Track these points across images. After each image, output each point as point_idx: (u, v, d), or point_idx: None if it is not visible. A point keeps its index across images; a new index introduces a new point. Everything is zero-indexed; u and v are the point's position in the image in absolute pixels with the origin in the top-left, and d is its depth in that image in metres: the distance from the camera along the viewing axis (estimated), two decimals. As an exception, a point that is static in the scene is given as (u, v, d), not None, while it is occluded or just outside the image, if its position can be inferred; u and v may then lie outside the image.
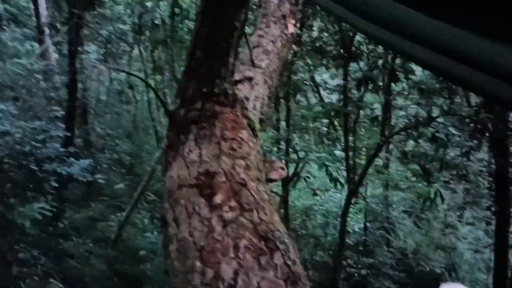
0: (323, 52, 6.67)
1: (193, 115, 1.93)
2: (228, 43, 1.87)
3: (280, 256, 1.45)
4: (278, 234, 1.53)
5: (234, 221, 1.50)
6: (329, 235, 8.52)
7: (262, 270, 1.38)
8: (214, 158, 1.76)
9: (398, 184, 9.08)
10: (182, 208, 1.64)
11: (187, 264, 1.46)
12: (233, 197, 1.59)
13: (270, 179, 2.04)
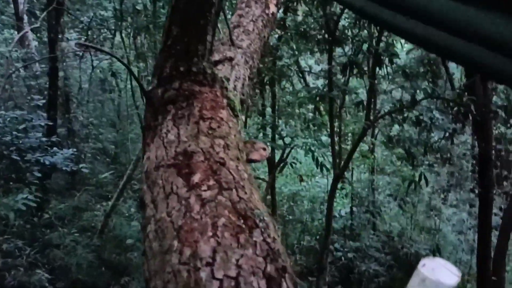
0: (308, 36, 6.63)
1: (170, 95, 1.89)
2: (205, 19, 1.83)
3: (260, 234, 1.43)
4: (258, 212, 1.51)
5: (213, 200, 1.48)
6: (316, 220, 8.58)
7: (241, 248, 1.36)
8: (192, 137, 1.73)
9: (383, 169, 9.16)
10: (159, 188, 1.61)
11: (164, 245, 1.43)
12: (211, 176, 1.57)
13: (251, 160, 2.02)
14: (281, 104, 7.37)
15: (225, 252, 1.33)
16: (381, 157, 9.33)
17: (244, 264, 1.31)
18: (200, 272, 1.29)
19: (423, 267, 1.35)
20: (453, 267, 1.37)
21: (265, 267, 1.34)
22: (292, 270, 1.47)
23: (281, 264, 1.40)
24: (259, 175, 8.34)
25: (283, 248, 1.51)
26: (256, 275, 1.31)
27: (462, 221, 9.15)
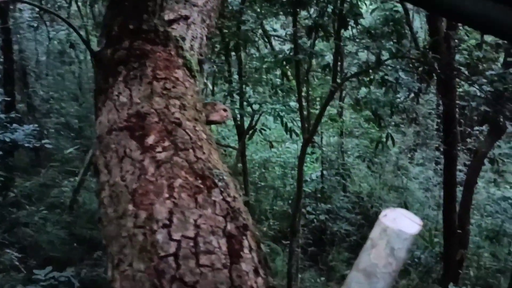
0: (272, -1, 6.46)
1: (120, 55, 1.78)
2: (153, -28, 1.71)
3: (219, 193, 1.39)
4: (217, 171, 1.46)
5: (168, 161, 1.42)
6: (288, 185, 8.66)
7: (199, 208, 1.31)
8: (145, 99, 1.64)
9: (352, 131, 9.26)
10: (112, 153, 1.53)
11: (119, 209, 1.37)
12: (166, 137, 1.50)
13: (211, 121, 1.95)
14: (248, 70, 7.26)
15: (182, 213, 1.28)
16: (350, 120, 9.42)
17: (203, 224, 1.27)
18: (156, 234, 1.24)
19: (384, 217, 1.33)
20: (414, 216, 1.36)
21: (225, 226, 1.31)
22: (254, 228, 1.45)
23: (242, 222, 1.37)
24: (229, 143, 8.30)
25: (244, 207, 1.48)
26: (216, 234, 1.27)
27: (428, 179, 9.44)
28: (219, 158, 1.59)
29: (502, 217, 8.45)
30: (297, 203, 6.65)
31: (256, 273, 1.28)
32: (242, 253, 1.29)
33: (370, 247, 1.29)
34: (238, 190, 1.57)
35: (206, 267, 1.20)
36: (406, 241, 1.30)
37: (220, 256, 1.24)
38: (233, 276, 1.21)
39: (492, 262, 8.48)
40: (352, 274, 1.26)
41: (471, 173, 7.35)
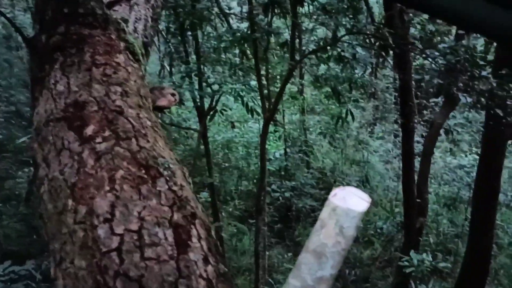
0: (226, -24, 6.32)
1: (56, 41, 1.68)
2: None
3: (164, 183, 1.35)
4: (162, 160, 1.41)
5: (109, 152, 1.35)
6: (252, 164, 8.68)
7: (143, 199, 1.27)
8: (84, 86, 1.56)
9: (313, 108, 9.33)
10: (50, 145, 1.45)
11: (59, 205, 1.31)
12: (107, 126, 1.43)
13: (159, 107, 1.89)
14: (206, 50, 7.11)
15: (125, 205, 1.24)
16: (311, 97, 9.48)
17: (147, 216, 1.23)
18: (97, 229, 1.19)
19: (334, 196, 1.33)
20: (364, 194, 1.37)
21: (171, 216, 1.27)
22: (203, 216, 1.42)
23: (190, 211, 1.34)
24: (191, 125, 8.19)
25: (193, 195, 1.44)
26: (162, 225, 1.24)
27: (388, 151, 9.70)
28: (166, 146, 1.54)
29: (458, 185, 8.83)
30: (262, 182, 6.67)
31: (206, 262, 1.26)
32: (190, 243, 1.26)
33: (320, 228, 1.29)
34: (187, 177, 1.54)
35: (151, 260, 1.17)
36: (354, 219, 1.31)
37: (167, 248, 1.21)
38: (180, 266, 1.19)
39: (450, 228, 8.88)
40: (302, 256, 1.25)
41: (427, 144, 7.56)
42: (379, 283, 8.05)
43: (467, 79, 5.61)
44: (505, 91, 5.37)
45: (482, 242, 6.49)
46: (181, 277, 1.16)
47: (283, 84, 6.11)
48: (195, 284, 1.17)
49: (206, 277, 1.21)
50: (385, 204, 9.07)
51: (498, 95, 5.33)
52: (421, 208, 7.18)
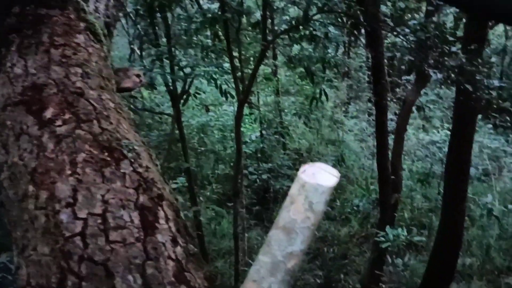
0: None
1: (11, 22, 1.61)
2: None
3: (129, 165, 1.32)
4: (126, 142, 1.38)
5: (70, 135, 1.31)
6: (228, 148, 8.65)
7: (107, 182, 1.24)
8: (42, 68, 1.50)
9: (288, 89, 9.32)
10: (9, 130, 1.40)
11: (19, 191, 1.27)
12: (67, 109, 1.39)
13: (123, 88, 1.84)
14: (176, 32, 6.97)
15: (87, 189, 1.21)
16: (285, 78, 9.47)
17: (112, 199, 1.21)
18: (60, 214, 1.16)
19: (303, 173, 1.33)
20: (333, 170, 1.37)
21: (137, 198, 1.25)
22: (171, 197, 1.40)
23: (157, 193, 1.32)
24: (164, 110, 8.07)
25: (159, 176, 1.42)
26: (127, 208, 1.21)
27: (362, 130, 9.81)
28: (131, 127, 1.51)
29: (431, 160, 9.03)
30: (238, 165, 6.66)
31: (175, 243, 1.24)
32: (158, 224, 1.24)
33: (289, 204, 1.29)
34: (154, 159, 1.51)
35: (117, 243, 1.14)
36: (323, 194, 1.31)
37: (133, 230, 1.18)
38: (148, 249, 1.17)
39: (424, 203, 9.10)
40: (272, 232, 1.25)
41: (400, 121, 7.67)
42: (357, 259, 8.23)
43: (437, 56, 5.68)
44: (474, 67, 5.46)
45: (454, 215, 6.67)
46: (149, 259, 1.14)
47: (256, 66, 6.07)
48: (163, 265, 1.15)
49: (175, 258, 1.20)
50: (361, 182, 9.21)
51: (467, 71, 5.42)
52: (395, 184, 7.31)
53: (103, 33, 1.90)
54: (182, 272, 1.20)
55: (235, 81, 6.48)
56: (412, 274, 7.46)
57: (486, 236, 8.29)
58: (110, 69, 1.78)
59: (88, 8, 1.91)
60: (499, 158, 10.01)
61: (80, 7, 1.82)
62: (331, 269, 7.91)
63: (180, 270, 1.20)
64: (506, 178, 9.66)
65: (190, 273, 1.22)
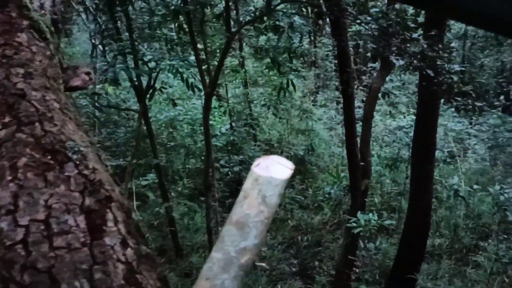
0: None
1: None
2: None
3: (74, 167, 1.27)
4: (71, 144, 1.33)
5: (10, 139, 1.26)
6: (198, 141, 8.58)
7: (50, 186, 1.20)
8: (-20, 70, 1.43)
9: (256, 80, 9.29)
10: None
11: (-44, 201, 1.20)
12: (7, 112, 1.33)
13: (72, 87, 1.78)
14: (139, 26, 6.83)
15: (29, 194, 1.16)
16: (252, 69, 9.44)
17: (55, 203, 1.17)
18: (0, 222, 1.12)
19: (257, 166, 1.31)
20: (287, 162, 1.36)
21: (82, 201, 1.21)
22: (121, 198, 1.37)
23: (104, 195, 1.28)
24: (130, 106, 7.93)
25: (108, 177, 1.38)
26: (72, 212, 1.18)
27: (331, 118, 9.92)
28: (78, 128, 1.46)
29: (398, 145, 9.21)
30: (208, 158, 6.62)
31: (124, 245, 1.21)
32: (105, 227, 1.21)
33: (242, 199, 1.28)
34: (102, 160, 1.47)
35: (62, 249, 1.11)
36: (277, 187, 1.30)
37: (78, 235, 1.15)
38: (95, 253, 1.14)
39: (393, 187, 9.30)
40: (225, 228, 1.24)
41: (367, 108, 7.77)
42: (331, 245, 8.35)
43: (399, 42, 5.76)
44: (435, 52, 5.57)
45: (422, 197, 6.83)
46: (96, 264, 1.11)
47: (222, 57, 6.02)
48: (112, 269, 1.13)
49: (124, 261, 1.17)
50: (332, 169, 9.33)
51: (429, 56, 5.52)
52: (365, 170, 7.41)
53: (49, 30, 1.83)
54: (133, 274, 1.17)
55: (201, 74, 6.41)
56: (384, 257, 7.62)
57: (453, 217, 8.54)
58: (57, 68, 1.71)
59: (33, 5, 1.83)
60: (463, 140, 10.32)
61: (23, 4, 1.74)
62: (305, 257, 8.01)
63: (130, 272, 1.17)
64: (470, 159, 9.96)
65: (142, 274, 1.20)
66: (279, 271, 7.60)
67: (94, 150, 1.41)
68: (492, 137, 9.80)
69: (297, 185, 8.87)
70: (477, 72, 13.05)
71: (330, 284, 7.39)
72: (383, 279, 7.15)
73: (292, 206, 8.65)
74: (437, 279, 6.84)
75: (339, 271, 7.23)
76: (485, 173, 9.55)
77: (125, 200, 1.36)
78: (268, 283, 7.02)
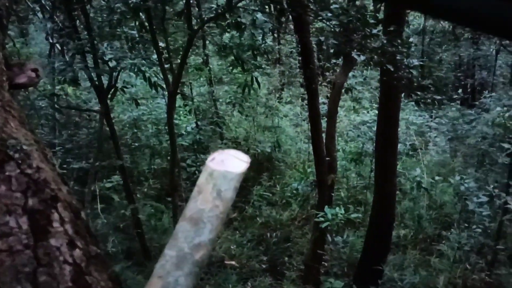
0: None
1: None
2: None
3: (15, 166, 1.21)
4: (13, 142, 1.27)
5: None
6: (164, 141, 8.46)
7: (-11, 187, 1.13)
8: None
9: (221, 78, 9.24)
10: None
11: None
12: None
13: (17, 85, 1.70)
14: (98, 24, 6.64)
15: (-35, 197, 1.10)
16: (217, 67, 9.38)
17: (-5, 205, 1.11)
18: None
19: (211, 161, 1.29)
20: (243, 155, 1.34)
21: (25, 202, 1.15)
22: (69, 197, 1.31)
23: (50, 194, 1.22)
24: (92, 107, 7.71)
25: (54, 176, 1.32)
26: (14, 213, 1.12)
27: (297, 115, 9.98)
28: (21, 126, 1.39)
29: (362, 140, 9.38)
30: (173, 158, 6.53)
31: (72, 246, 1.16)
32: (51, 228, 1.15)
33: (196, 194, 1.25)
34: (49, 158, 1.40)
35: (3, 252, 1.05)
36: (232, 181, 1.28)
37: (21, 237, 1.09)
38: (39, 255, 1.08)
39: (358, 181, 9.46)
40: (178, 225, 1.21)
41: (331, 104, 7.86)
42: (299, 241, 8.42)
43: (360, 38, 5.84)
44: (395, 47, 5.68)
45: (386, 190, 6.97)
46: (40, 266, 1.06)
47: (184, 55, 5.94)
48: (58, 270, 1.08)
49: (72, 262, 1.12)
50: (299, 165, 9.40)
51: (389, 51, 5.63)
52: (331, 165, 7.50)
53: (-10, 25, 1.74)
54: (81, 276, 1.12)
55: (163, 72, 6.31)
56: (351, 249, 7.74)
57: (417, 208, 8.76)
58: (1, 65, 1.63)
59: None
60: (424, 133, 10.62)
61: (-40, -3, 1.65)
62: (275, 253, 8.04)
63: (79, 274, 1.12)
64: (432, 151, 10.26)
65: (92, 276, 1.15)
66: (249, 268, 7.59)
67: (40, 148, 1.35)
68: (451, 130, 10.13)
69: (265, 182, 8.88)
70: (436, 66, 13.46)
71: (300, 279, 7.45)
72: (351, 272, 7.26)
73: (260, 203, 8.66)
74: (403, 269, 7.00)
75: (308, 266, 7.29)
76: (446, 165, 9.85)
77: (74, 199, 1.30)
78: (238, 281, 7.01)
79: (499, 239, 6.88)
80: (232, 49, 7.12)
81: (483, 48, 13.59)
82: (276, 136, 9.15)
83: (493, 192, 6.56)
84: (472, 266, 6.73)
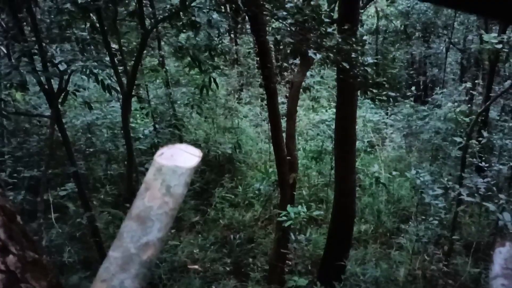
0: None
1: None
2: None
3: None
4: None
5: None
6: (120, 146, 8.21)
7: None
8: None
9: (178, 80, 9.09)
10: None
11: None
12: None
13: None
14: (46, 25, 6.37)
15: None
16: (174, 69, 9.22)
17: None
18: None
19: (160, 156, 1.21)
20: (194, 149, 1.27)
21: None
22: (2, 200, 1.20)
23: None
24: (43, 112, 7.37)
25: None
26: None
27: (257, 115, 9.97)
28: None
29: (322, 138, 9.49)
30: (130, 163, 6.34)
31: (5, 252, 1.06)
32: (-21, 235, 1.05)
33: (144, 191, 1.17)
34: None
35: None
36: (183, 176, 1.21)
37: None
38: (-36, 265, 0.98)
39: (319, 179, 9.56)
40: (124, 224, 1.13)
41: (290, 104, 7.90)
42: (263, 241, 8.40)
43: (316, 37, 5.89)
44: (349, 45, 5.77)
45: (346, 186, 7.07)
46: (-34, 277, 0.95)
47: (138, 56, 5.78)
48: (-13, 281, 0.97)
49: (5, 269, 1.02)
50: (260, 166, 9.39)
51: (344, 49, 5.71)
52: (292, 164, 7.53)
53: None
54: (16, 283, 1.02)
55: (117, 74, 6.12)
56: (314, 247, 7.81)
57: (376, 203, 8.96)
58: None
59: None
60: (381, 130, 10.89)
61: None
62: (239, 255, 7.98)
63: (12, 281, 1.02)
64: (388, 147, 10.53)
65: (29, 283, 1.05)
66: (212, 272, 7.49)
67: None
68: (406, 126, 10.44)
69: (227, 183, 8.81)
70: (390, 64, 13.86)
71: (265, 279, 7.42)
72: (315, 269, 7.32)
73: (223, 205, 8.57)
74: (365, 264, 7.12)
75: (272, 265, 7.28)
76: (402, 160, 10.13)
77: (8, 202, 1.19)
78: (202, 285, 6.89)
79: (455, 230, 7.12)
80: (189, 50, 7.02)
81: (434, 46, 14.12)
82: (237, 137, 9.10)
83: (447, 185, 6.78)
84: (430, 257, 6.93)
